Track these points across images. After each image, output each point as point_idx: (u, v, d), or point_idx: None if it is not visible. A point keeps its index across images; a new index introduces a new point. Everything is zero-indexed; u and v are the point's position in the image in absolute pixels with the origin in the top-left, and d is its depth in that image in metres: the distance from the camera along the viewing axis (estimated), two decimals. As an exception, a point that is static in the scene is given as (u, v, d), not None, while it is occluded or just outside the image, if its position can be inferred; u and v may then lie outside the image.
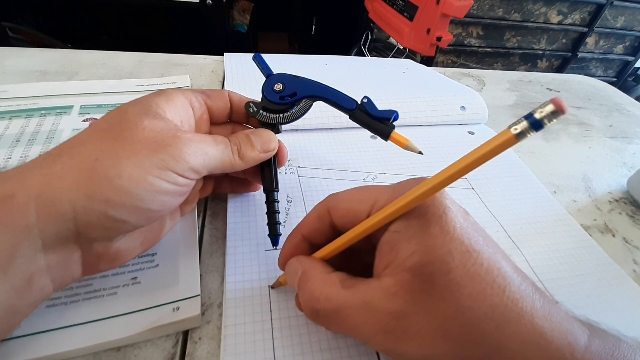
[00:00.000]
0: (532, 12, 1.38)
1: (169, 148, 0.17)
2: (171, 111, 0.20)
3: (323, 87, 0.23)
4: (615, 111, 0.53)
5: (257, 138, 0.22)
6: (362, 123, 0.23)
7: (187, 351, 0.20)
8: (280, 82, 0.23)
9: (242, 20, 1.47)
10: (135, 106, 0.19)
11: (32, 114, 0.35)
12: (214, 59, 0.51)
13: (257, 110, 0.23)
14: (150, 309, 0.20)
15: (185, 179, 0.18)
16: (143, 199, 0.17)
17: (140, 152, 0.17)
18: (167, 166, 0.17)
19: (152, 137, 0.18)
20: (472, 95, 0.43)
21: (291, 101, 0.23)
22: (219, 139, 0.20)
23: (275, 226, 0.23)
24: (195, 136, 0.19)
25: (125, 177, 0.16)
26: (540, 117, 0.11)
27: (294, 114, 0.23)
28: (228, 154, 0.20)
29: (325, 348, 0.20)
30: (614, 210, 0.34)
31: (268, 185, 0.24)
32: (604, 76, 1.66)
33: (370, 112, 0.22)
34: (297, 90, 0.23)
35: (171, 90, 0.21)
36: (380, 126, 0.22)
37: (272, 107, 0.23)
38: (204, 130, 0.23)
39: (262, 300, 0.22)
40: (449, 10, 0.82)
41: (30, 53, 0.46)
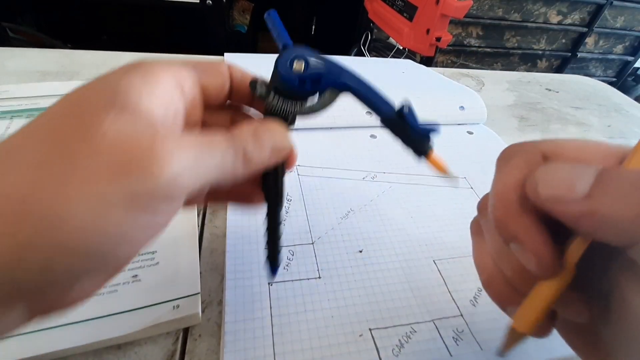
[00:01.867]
0: (531, 12, 1.38)
1: (143, 167, 0.12)
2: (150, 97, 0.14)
3: (356, 76, 0.18)
4: (614, 111, 0.53)
5: (268, 134, 0.16)
6: (397, 133, 0.19)
7: (187, 348, 0.20)
8: (302, 58, 0.17)
9: (242, 20, 1.47)
10: (95, 92, 0.13)
11: (34, 113, 0.35)
12: (214, 59, 0.51)
13: (268, 92, 0.17)
14: (150, 306, 0.20)
15: (168, 204, 0.13)
16: (105, 244, 0.12)
17: (100, 177, 0.11)
18: (141, 194, 0.12)
19: (118, 149, 0.12)
20: (471, 95, 0.44)
21: (312, 89, 0.17)
22: (217, 140, 0.15)
23: (277, 255, 0.20)
24: (183, 140, 0.13)
25: (75, 219, 0.11)
26: None
27: (314, 107, 0.18)
28: (229, 160, 0.15)
29: (325, 344, 0.20)
30: (612, 210, 0.34)
31: (272, 199, 0.19)
32: (604, 76, 1.66)
33: (411, 123, 0.18)
34: (322, 75, 0.17)
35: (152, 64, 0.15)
36: (417, 142, 0.18)
37: (287, 92, 0.17)
38: (195, 119, 0.18)
39: (261, 297, 0.22)
40: (449, 11, 0.82)
41: (31, 53, 0.46)
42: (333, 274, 0.24)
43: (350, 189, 0.31)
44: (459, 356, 0.20)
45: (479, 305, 0.23)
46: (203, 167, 0.14)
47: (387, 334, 0.21)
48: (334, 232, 0.27)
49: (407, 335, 0.21)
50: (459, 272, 0.25)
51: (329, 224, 0.27)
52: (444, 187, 0.32)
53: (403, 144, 0.19)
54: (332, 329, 0.21)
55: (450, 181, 0.20)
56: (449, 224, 0.29)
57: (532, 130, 0.45)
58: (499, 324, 0.22)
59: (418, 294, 0.23)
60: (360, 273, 0.24)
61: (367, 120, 0.38)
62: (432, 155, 0.19)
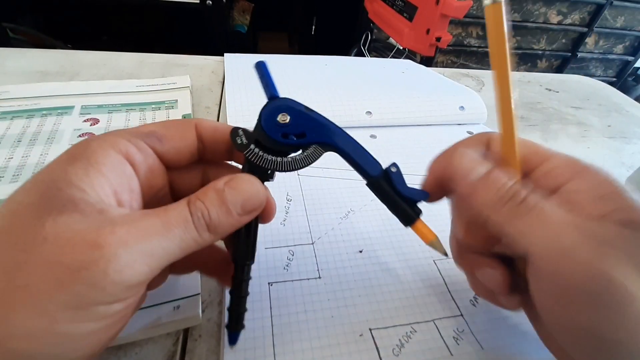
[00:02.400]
0: (531, 12, 1.38)
1: (84, 272, 0.11)
2: (97, 183, 0.13)
3: (344, 136, 0.18)
4: (614, 111, 0.53)
5: (236, 195, 0.15)
6: (383, 197, 0.18)
7: (187, 348, 0.20)
8: (287, 112, 0.17)
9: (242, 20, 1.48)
10: (33, 193, 0.13)
11: (34, 114, 0.35)
12: (214, 59, 0.51)
13: (248, 144, 0.16)
14: (150, 307, 0.20)
15: (122, 302, 0.13)
16: (56, 356, 0.12)
17: (40, 290, 0.11)
18: (86, 301, 0.11)
19: (58, 256, 0.11)
20: (471, 95, 0.44)
21: (297, 143, 0.17)
22: (173, 217, 0.13)
23: (240, 316, 0.17)
24: (130, 232, 0.12)
25: (19, 335, 0.11)
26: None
27: (296, 162, 0.17)
28: (191, 234, 0.14)
29: (325, 344, 0.20)
30: (613, 210, 0.34)
31: (240, 256, 0.17)
32: (604, 76, 1.66)
33: (397, 187, 0.18)
34: (307, 130, 0.17)
35: (96, 143, 0.14)
36: (403, 207, 0.18)
37: (269, 145, 0.16)
38: (158, 185, 0.17)
39: (262, 297, 0.22)
40: (449, 11, 0.82)
41: (31, 54, 0.47)
42: (333, 274, 0.24)
43: (350, 189, 0.31)
44: (459, 355, 0.20)
45: (479, 305, 0.23)
46: (156, 254, 0.13)
47: (387, 333, 0.21)
48: (334, 232, 0.27)
49: (408, 335, 0.21)
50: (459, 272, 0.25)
51: (329, 224, 0.27)
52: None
53: (388, 208, 0.18)
54: (332, 329, 0.21)
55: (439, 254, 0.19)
56: (449, 224, 0.29)
57: (532, 130, 0.45)
58: (499, 324, 0.22)
59: (418, 294, 0.23)
60: (361, 273, 0.24)
61: (367, 120, 0.38)
62: (419, 225, 0.18)
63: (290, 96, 0.18)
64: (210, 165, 0.19)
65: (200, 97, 0.42)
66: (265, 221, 0.18)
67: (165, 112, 0.38)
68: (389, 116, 0.39)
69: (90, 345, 0.12)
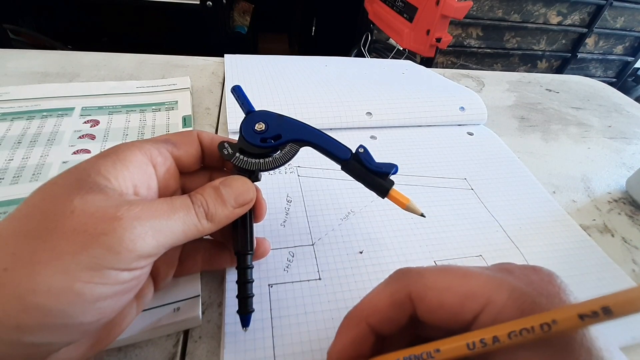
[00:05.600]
0: (531, 12, 1.38)
1: (103, 238, 0.13)
2: (121, 176, 0.16)
3: (313, 131, 0.20)
4: (614, 112, 0.53)
5: (229, 190, 0.18)
6: (356, 176, 0.20)
7: (188, 350, 0.20)
8: (262, 121, 0.20)
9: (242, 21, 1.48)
10: (67, 177, 0.15)
11: (34, 115, 0.35)
12: (214, 60, 0.51)
13: (233, 153, 0.19)
14: (151, 309, 0.20)
15: (131, 272, 0.14)
16: (70, 314, 0.13)
17: (65, 252, 0.13)
18: (102, 264, 0.13)
19: (83, 225, 0.13)
20: (472, 96, 0.44)
21: (274, 145, 0.20)
22: (178, 203, 0.16)
23: (247, 301, 0.19)
24: (143, 210, 0.15)
25: (41, 291, 0.12)
26: None
27: (276, 160, 0.20)
28: (192, 220, 0.16)
29: (325, 346, 0.20)
30: (613, 211, 0.34)
31: (241, 247, 0.20)
32: (604, 77, 1.66)
33: (367, 165, 0.20)
34: (282, 132, 0.20)
35: (125, 147, 0.17)
36: (377, 181, 0.19)
37: (251, 150, 0.19)
38: (172, 187, 0.19)
39: (262, 298, 0.22)
40: (449, 12, 0.82)
41: (31, 55, 0.47)
42: (333, 275, 0.24)
43: (350, 189, 0.31)
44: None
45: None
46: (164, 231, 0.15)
47: (387, 335, 0.21)
48: (334, 233, 0.27)
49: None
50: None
51: (329, 225, 0.27)
52: (444, 188, 0.32)
53: (365, 185, 0.20)
54: (333, 330, 0.21)
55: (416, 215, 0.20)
56: (449, 225, 0.29)
57: (533, 130, 0.45)
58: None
59: (419, 296, 0.23)
60: (361, 274, 0.24)
61: (367, 121, 0.38)
62: (392, 193, 0.19)
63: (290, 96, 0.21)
64: (214, 172, 0.22)
65: (200, 98, 0.42)
66: (258, 219, 0.21)
67: (166, 113, 0.38)
68: (389, 117, 0.39)
69: (98, 311, 0.14)
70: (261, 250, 0.23)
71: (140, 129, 0.35)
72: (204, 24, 1.19)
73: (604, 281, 0.26)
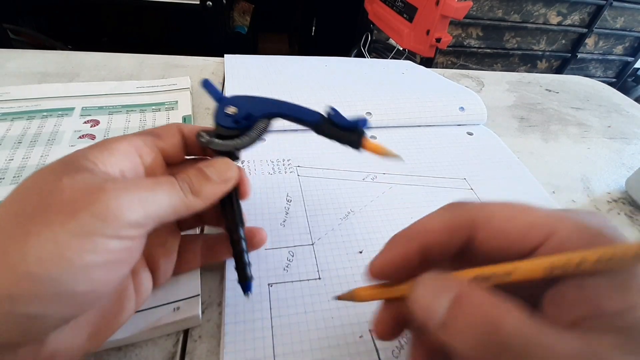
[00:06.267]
0: (531, 13, 1.38)
1: (91, 207, 0.14)
2: (108, 162, 0.16)
3: (280, 102, 0.21)
4: (614, 112, 0.53)
5: (212, 169, 0.19)
6: (330, 136, 0.20)
7: (187, 349, 0.20)
8: (233, 104, 0.21)
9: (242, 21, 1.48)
10: (57, 163, 0.16)
11: (34, 115, 0.35)
12: (214, 60, 0.51)
13: (210, 139, 0.20)
14: (150, 309, 0.20)
15: (122, 241, 0.15)
16: (61, 282, 0.13)
17: (54, 222, 0.13)
18: (91, 231, 0.14)
19: (72, 198, 0.14)
20: (471, 96, 0.44)
21: (247, 124, 0.20)
22: (162, 179, 0.17)
23: (245, 269, 0.20)
24: (128, 183, 0.15)
25: (32, 260, 0.13)
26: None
27: (251, 137, 0.21)
28: (177, 194, 0.17)
29: (325, 346, 0.20)
30: (613, 211, 0.34)
31: (231, 222, 0.20)
32: (604, 77, 1.66)
33: (338, 123, 0.20)
34: (252, 110, 0.21)
35: (112, 139, 0.18)
36: (349, 136, 0.20)
37: (226, 133, 0.20)
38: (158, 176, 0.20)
39: (261, 298, 0.22)
40: (449, 12, 0.82)
41: (31, 55, 0.47)
42: (333, 274, 0.24)
43: (350, 189, 0.31)
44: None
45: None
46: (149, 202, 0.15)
47: (387, 335, 0.21)
48: (334, 232, 0.27)
49: (408, 337, 0.21)
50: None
51: (329, 225, 0.27)
52: (445, 188, 0.32)
53: (340, 143, 0.21)
54: (332, 330, 0.21)
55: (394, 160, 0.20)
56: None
57: (532, 130, 0.45)
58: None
59: (418, 295, 0.23)
60: (361, 274, 0.24)
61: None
62: (367, 144, 0.20)
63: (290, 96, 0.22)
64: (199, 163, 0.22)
65: (200, 98, 0.42)
66: (243, 196, 0.21)
67: (166, 113, 0.38)
68: (389, 117, 0.39)
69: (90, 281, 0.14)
70: (257, 238, 0.23)
71: (141, 129, 0.35)
72: (204, 24, 1.19)
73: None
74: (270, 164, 0.32)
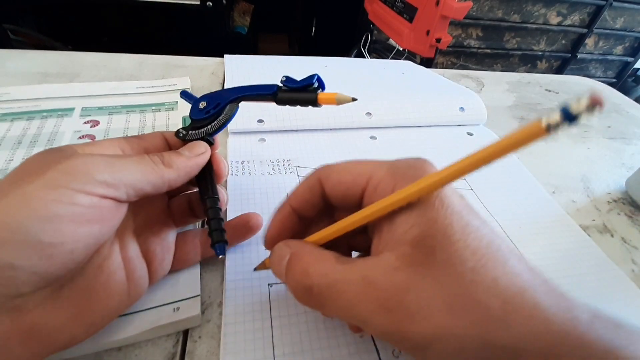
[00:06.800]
0: (531, 13, 1.38)
1: (59, 165, 0.15)
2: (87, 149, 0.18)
3: (242, 87, 0.23)
4: (613, 112, 0.53)
5: (184, 148, 0.21)
6: (289, 100, 0.22)
7: (187, 350, 0.20)
8: (203, 100, 0.24)
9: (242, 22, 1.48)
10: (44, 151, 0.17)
11: (34, 116, 0.35)
12: (214, 60, 0.51)
13: (186, 133, 0.23)
14: (150, 309, 0.20)
15: (90, 197, 0.15)
16: (28, 230, 0.13)
17: (25, 181, 0.14)
18: (59, 184, 0.15)
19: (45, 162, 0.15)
20: (471, 96, 0.44)
21: (215, 111, 0.23)
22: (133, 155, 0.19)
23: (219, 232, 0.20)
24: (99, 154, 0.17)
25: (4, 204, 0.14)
26: (577, 111, 0.11)
27: (219, 121, 0.23)
28: (148, 163, 0.18)
29: (325, 346, 0.20)
30: (613, 211, 0.34)
31: (204, 192, 0.22)
32: (604, 77, 1.66)
33: (292, 86, 0.22)
34: (219, 100, 0.23)
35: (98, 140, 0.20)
36: (305, 95, 0.21)
37: (200, 124, 0.23)
38: None
39: (261, 298, 0.22)
40: (449, 12, 0.83)
41: (31, 55, 0.47)
42: (333, 275, 0.24)
43: (350, 190, 0.31)
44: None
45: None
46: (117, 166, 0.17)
47: (387, 335, 0.21)
48: (334, 233, 0.27)
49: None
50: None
51: (329, 226, 0.27)
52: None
53: (300, 105, 0.22)
54: (332, 330, 0.21)
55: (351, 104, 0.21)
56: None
57: (532, 131, 0.45)
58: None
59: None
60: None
61: (367, 121, 0.38)
62: (321, 97, 0.21)
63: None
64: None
65: (200, 99, 0.42)
66: (220, 178, 0.23)
67: (166, 113, 0.38)
68: (389, 117, 0.39)
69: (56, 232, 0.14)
70: (252, 222, 0.24)
71: (140, 130, 0.35)
72: (204, 24, 1.20)
73: (603, 281, 0.26)
74: (270, 164, 0.32)
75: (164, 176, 0.18)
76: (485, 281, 0.13)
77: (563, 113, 0.11)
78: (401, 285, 0.14)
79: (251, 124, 0.35)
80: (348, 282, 0.15)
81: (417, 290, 0.14)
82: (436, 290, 0.14)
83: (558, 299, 0.14)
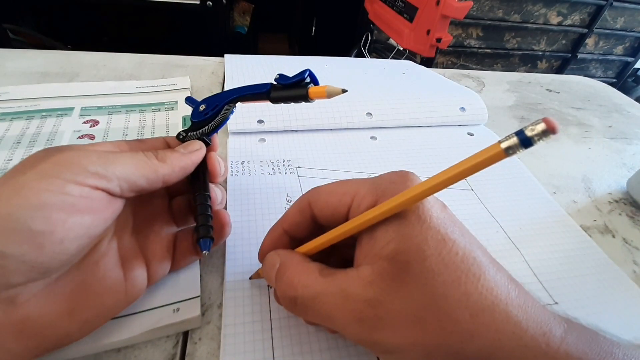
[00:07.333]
0: (531, 13, 1.38)
1: (52, 157, 0.15)
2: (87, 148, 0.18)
3: (238, 88, 0.24)
4: (614, 112, 0.53)
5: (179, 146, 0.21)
6: (282, 97, 0.22)
7: (187, 351, 0.20)
8: (203, 103, 0.25)
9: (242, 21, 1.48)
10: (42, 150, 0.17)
11: (33, 115, 0.35)
12: (214, 60, 0.51)
13: (186, 135, 0.23)
14: (150, 310, 0.20)
15: (81, 187, 0.15)
16: (18, 218, 0.14)
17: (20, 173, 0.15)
18: (50, 174, 0.15)
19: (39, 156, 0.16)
20: (472, 96, 0.43)
21: (213, 113, 0.24)
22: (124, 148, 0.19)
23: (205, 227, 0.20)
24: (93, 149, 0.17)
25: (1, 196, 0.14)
26: (531, 135, 0.12)
27: (215, 121, 0.24)
28: (141, 158, 0.18)
29: (325, 348, 0.20)
30: (614, 211, 0.34)
31: (195, 189, 0.22)
32: (604, 77, 1.66)
33: (285, 83, 0.22)
34: (217, 102, 0.24)
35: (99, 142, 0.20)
36: (296, 91, 0.22)
37: (199, 126, 0.24)
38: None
39: (261, 300, 0.22)
40: (449, 12, 0.82)
41: (31, 55, 0.46)
42: (333, 276, 0.24)
43: (350, 190, 0.31)
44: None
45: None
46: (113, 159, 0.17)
47: (388, 336, 0.21)
48: (335, 234, 0.27)
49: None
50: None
51: (330, 226, 0.27)
52: (445, 190, 0.32)
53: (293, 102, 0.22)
54: (332, 332, 0.21)
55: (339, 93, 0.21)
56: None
57: (533, 131, 0.45)
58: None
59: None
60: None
61: (368, 121, 0.38)
62: (312, 92, 0.21)
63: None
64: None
65: (200, 98, 0.42)
66: (214, 177, 0.23)
67: (165, 113, 0.38)
68: (389, 117, 0.39)
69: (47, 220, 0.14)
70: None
71: (140, 129, 0.35)
72: (204, 24, 1.19)
73: (604, 282, 0.26)
74: (270, 165, 0.32)
75: (158, 170, 0.18)
76: (456, 295, 0.14)
77: (519, 137, 0.12)
78: (374, 299, 0.15)
79: (251, 125, 0.35)
80: (328, 294, 0.16)
81: (388, 303, 0.15)
82: (406, 304, 0.14)
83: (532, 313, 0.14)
